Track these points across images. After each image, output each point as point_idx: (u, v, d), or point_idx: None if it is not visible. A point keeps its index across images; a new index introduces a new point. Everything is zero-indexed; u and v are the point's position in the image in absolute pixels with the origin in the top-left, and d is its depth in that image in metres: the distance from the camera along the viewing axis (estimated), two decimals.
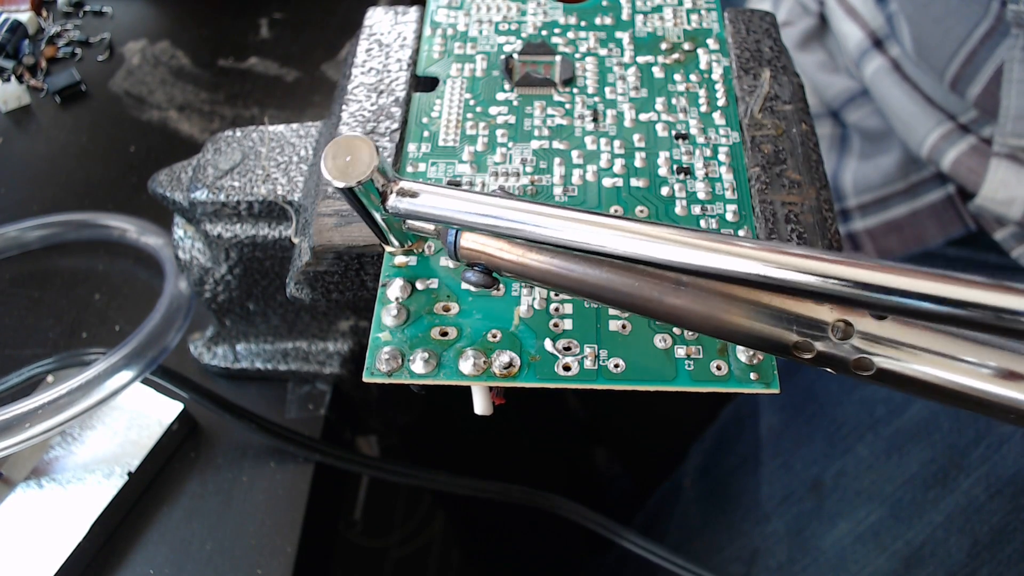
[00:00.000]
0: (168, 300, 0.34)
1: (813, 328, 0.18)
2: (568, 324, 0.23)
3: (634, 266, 0.20)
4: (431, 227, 0.22)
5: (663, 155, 0.26)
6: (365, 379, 0.22)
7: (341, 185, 0.20)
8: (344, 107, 0.28)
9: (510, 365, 0.22)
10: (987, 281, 0.14)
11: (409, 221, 0.22)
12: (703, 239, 0.17)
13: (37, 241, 0.42)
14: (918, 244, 0.48)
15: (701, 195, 0.25)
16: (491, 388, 0.23)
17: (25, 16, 0.52)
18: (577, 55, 0.30)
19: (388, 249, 0.24)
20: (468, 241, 0.21)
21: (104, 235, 0.42)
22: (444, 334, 0.23)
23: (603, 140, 0.27)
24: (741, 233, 0.24)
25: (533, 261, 0.21)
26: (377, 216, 0.22)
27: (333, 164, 0.20)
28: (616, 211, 0.25)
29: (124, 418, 0.35)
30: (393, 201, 0.21)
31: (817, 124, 0.52)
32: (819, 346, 0.18)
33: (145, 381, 0.35)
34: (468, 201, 0.20)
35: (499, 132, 0.27)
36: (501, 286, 0.24)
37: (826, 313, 0.18)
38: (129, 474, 0.33)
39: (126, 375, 0.31)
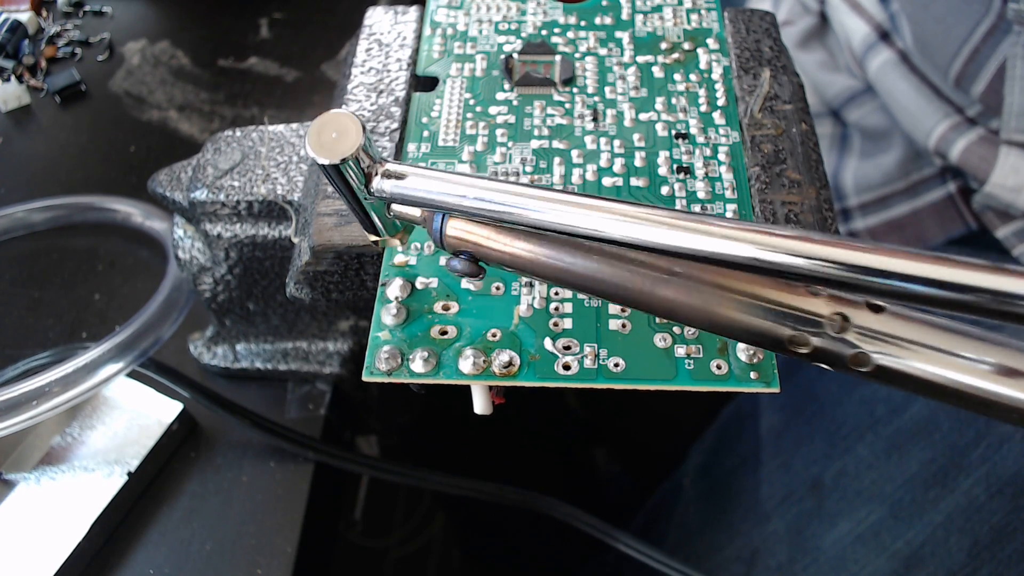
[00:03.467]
0: (172, 281, 0.34)
1: (809, 322, 0.17)
2: (568, 323, 0.23)
3: (624, 255, 0.19)
4: (417, 214, 0.21)
5: (663, 154, 0.26)
6: (365, 378, 0.22)
7: (324, 162, 0.19)
8: (344, 107, 0.28)
9: (510, 364, 0.22)
10: (985, 264, 0.14)
11: (394, 207, 0.22)
12: (694, 221, 0.17)
13: (43, 223, 0.42)
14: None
15: (701, 195, 0.25)
16: (491, 387, 0.23)
17: (25, 16, 0.52)
18: (577, 55, 0.30)
19: (371, 238, 0.24)
20: (454, 230, 0.21)
21: (108, 218, 0.42)
22: (444, 333, 0.23)
23: (603, 139, 0.27)
24: None
25: (520, 250, 0.20)
26: (363, 200, 0.21)
27: (318, 140, 0.19)
28: None
29: (124, 418, 0.35)
30: (378, 183, 0.20)
31: (817, 123, 0.52)
32: (815, 341, 0.17)
33: (145, 380, 0.35)
34: (456, 184, 0.20)
35: (499, 132, 0.27)
36: (501, 285, 0.24)
37: (822, 306, 0.17)
38: (129, 474, 0.33)
39: (121, 363, 0.31)
